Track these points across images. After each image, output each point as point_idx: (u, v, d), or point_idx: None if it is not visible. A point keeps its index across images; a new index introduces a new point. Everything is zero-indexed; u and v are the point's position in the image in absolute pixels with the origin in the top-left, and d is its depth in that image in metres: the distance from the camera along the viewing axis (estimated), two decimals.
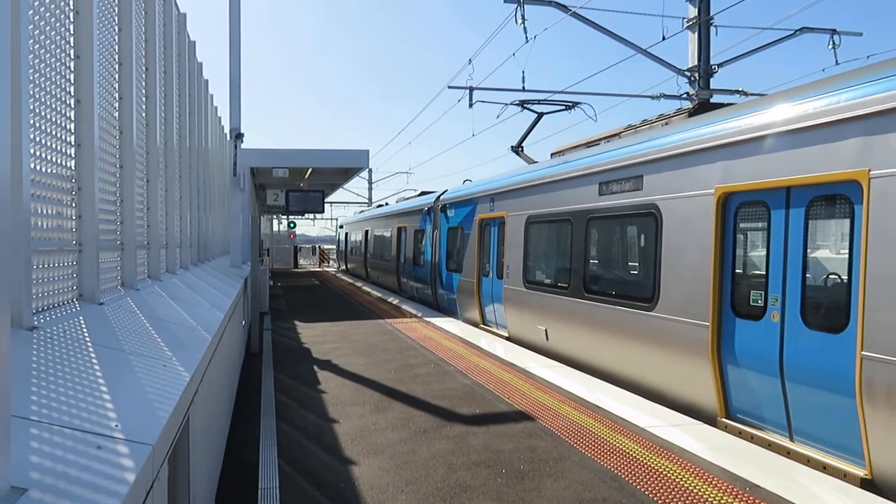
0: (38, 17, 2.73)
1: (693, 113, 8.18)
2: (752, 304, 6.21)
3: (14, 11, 2.25)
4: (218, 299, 6.96)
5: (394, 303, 18.12)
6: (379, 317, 15.10)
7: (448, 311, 16.05)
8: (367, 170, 47.08)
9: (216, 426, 5.02)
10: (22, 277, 2.36)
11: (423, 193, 21.32)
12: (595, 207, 9.12)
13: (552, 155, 11.93)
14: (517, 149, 14.90)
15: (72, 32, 3.32)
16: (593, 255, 9.36)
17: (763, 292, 6.03)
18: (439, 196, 17.33)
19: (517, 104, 14.81)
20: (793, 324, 5.67)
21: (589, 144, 10.48)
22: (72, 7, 3.33)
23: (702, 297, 6.68)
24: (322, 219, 56.85)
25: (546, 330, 10.38)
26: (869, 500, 4.31)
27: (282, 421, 6.46)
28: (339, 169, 20.20)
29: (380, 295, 20.22)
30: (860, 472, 4.88)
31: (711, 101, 15.05)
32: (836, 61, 15.42)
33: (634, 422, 6.14)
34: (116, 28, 4.46)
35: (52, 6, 2.97)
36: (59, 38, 3.08)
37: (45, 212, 2.85)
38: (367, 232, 28.68)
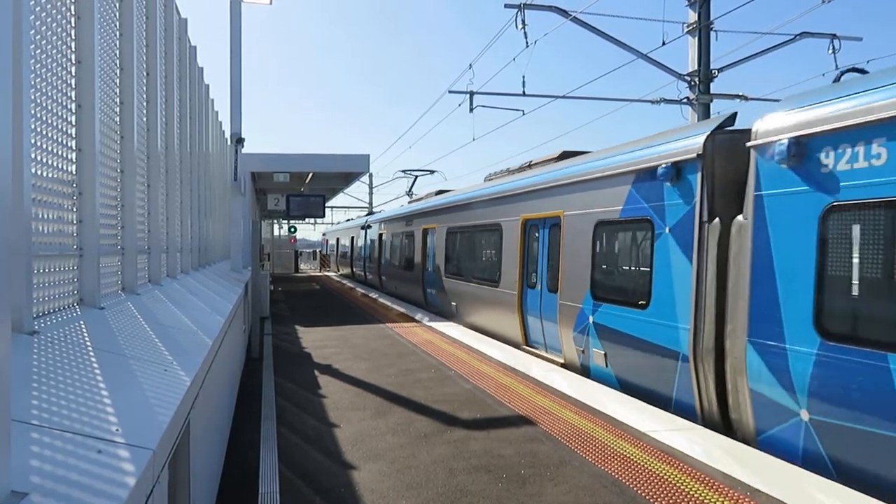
0: (39, 21, 2.74)
1: (488, 178, 14.84)
2: (533, 281, 11.06)
3: (16, 16, 2.26)
4: (219, 304, 6.96)
5: (392, 305, 18.13)
6: (379, 321, 15.09)
7: (371, 286, 27.49)
8: (367, 174, 47.23)
9: (217, 430, 5.01)
10: (23, 282, 2.36)
11: (369, 213, 35.37)
12: (452, 226, 16.15)
13: (409, 202, 24.47)
14: (409, 193, 31.25)
15: (73, 37, 3.33)
16: (437, 255, 17.15)
17: (536, 273, 10.97)
18: (369, 218, 30.39)
19: (401, 171, 31.22)
20: (544, 290, 10.55)
21: (427, 195, 21.40)
22: (73, 12, 3.34)
23: (516, 278, 11.68)
24: (323, 223, 56.97)
25: (386, 283, 23.87)
26: (560, 370, 8.92)
27: (282, 425, 6.45)
28: (340, 174, 20.24)
29: (375, 297, 22.34)
30: (560, 360, 9.75)
31: (710, 106, 15.08)
32: (836, 66, 15.46)
33: (635, 426, 6.13)
34: (117, 33, 4.48)
35: (54, 11, 2.98)
36: (60, 42, 3.08)
37: (46, 216, 2.85)
38: (338, 239, 42.20)
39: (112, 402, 2.23)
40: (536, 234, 10.99)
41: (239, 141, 13.08)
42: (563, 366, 9.46)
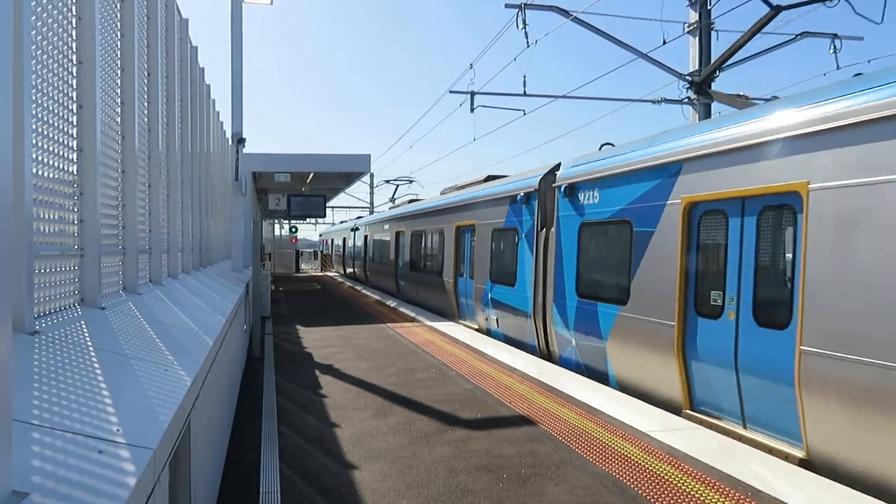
0: (40, 22, 2.74)
1: (443, 192, 19.22)
2: (461, 271, 15.09)
3: (17, 17, 2.26)
4: (219, 304, 6.97)
5: (392, 306, 18.14)
6: (380, 321, 15.10)
7: (358, 280, 32.53)
8: (368, 174, 47.43)
9: (217, 430, 5.02)
10: (24, 282, 2.36)
11: (358, 218, 39.33)
12: (414, 230, 20.06)
13: (389, 208, 34.17)
14: (391, 199, 39.24)
15: (74, 38, 3.34)
16: (405, 253, 21.39)
17: (463, 265, 14.98)
18: (356, 222, 35.26)
19: (384, 181, 41.47)
20: (467, 277, 14.52)
21: (401, 203, 26.92)
22: (74, 13, 3.34)
23: (452, 271, 15.63)
24: (324, 223, 57.14)
25: (370, 277, 28.20)
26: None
27: (283, 425, 6.45)
28: (341, 173, 20.23)
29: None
30: (475, 326, 13.78)
31: (711, 107, 15.05)
32: (838, 66, 15.42)
33: (636, 426, 6.13)
34: (118, 34, 4.48)
35: (55, 12, 2.99)
36: (61, 43, 3.09)
37: (47, 216, 2.85)
38: (332, 240, 48.00)
39: (113, 401, 2.24)
40: (463, 238, 15.15)
41: (240, 141, 13.09)
42: (477, 330, 13.55)
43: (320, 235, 58.80)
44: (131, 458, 1.84)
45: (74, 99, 3.32)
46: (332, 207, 52.70)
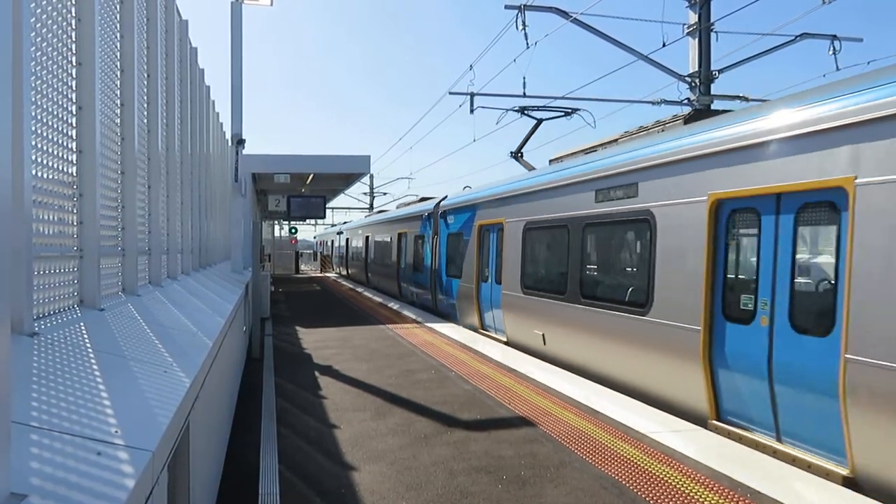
0: (39, 23, 2.74)
1: (398, 207, 27.22)
2: (401, 264, 21.93)
3: (16, 18, 2.26)
4: (219, 305, 6.96)
5: (394, 308, 18.15)
6: (380, 322, 15.10)
7: (343, 276, 38.58)
8: (368, 175, 47.56)
9: (217, 432, 5.02)
10: (23, 283, 2.36)
11: (344, 223, 44.38)
12: (377, 235, 26.96)
13: (365, 216, 38.94)
14: (370, 207, 50.71)
15: (73, 39, 3.34)
16: (371, 253, 28.78)
17: (402, 260, 22.05)
18: (342, 227, 41.57)
19: (363, 193, 55.10)
20: (405, 267, 21.44)
21: (379, 211, 33.80)
22: (73, 14, 3.35)
23: (396, 264, 22.85)
24: (323, 224, 57.16)
25: (351, 273, 36.29)
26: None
27: (283, 426, 6.45)
28: (341, 175, 20.26)
29: (381, 300, 22.11)
30: (408, 301, 20.41)
31: (711, 107, 15.06)
32: (837, 67, 15.41)
33: (635, 428, 6.13)
34: (118, 35, 4.48)
35: (54, 13, 2.99)
36: (60, 44, 3.09)
37: (46, 218, 2.85)
38: (324, 241, 54.10)
39: (112, 403, 2.24)
40: (401, 241, 21.51)
41: (240, 142, 13.09)
42: (410, 303, 19.48)
43: (314, 237, 65.32)
44: (130, 459, 1.84)
45: (74, 100, 3.32)
46: (332, 208, 52.75)
